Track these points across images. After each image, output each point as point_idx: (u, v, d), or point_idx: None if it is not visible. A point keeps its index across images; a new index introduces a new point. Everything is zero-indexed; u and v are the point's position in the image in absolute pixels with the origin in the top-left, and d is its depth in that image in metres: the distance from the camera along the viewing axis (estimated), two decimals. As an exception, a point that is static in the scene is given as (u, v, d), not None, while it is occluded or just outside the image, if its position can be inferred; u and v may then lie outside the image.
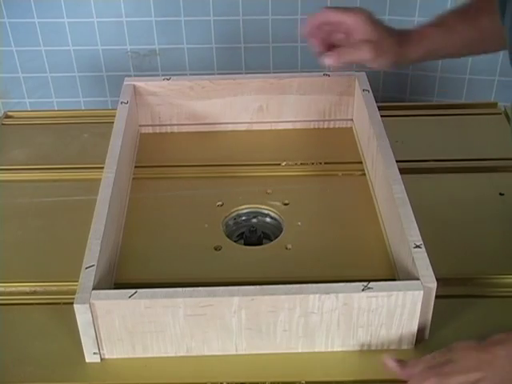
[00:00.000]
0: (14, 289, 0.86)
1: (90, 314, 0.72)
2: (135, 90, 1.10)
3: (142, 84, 1.10)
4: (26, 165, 1.07)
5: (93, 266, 0.76)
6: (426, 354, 0.72)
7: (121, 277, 0.86)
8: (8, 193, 1.02)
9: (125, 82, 1.11)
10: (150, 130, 1.14)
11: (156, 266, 0.88)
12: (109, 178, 0.89)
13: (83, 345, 0.75)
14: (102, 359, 0.76)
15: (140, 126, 1.13)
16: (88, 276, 0.74)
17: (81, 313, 0.72)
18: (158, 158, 1.08)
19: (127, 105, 1.05)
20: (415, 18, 1.47)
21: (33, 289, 0.85)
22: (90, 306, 0.71)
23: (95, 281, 0.74)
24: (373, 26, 0.91)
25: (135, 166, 1.05)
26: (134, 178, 1.03)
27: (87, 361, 0.76)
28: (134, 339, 0.75)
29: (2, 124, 1.19)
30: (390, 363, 0.73)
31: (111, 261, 0.84)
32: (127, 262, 0.88)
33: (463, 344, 0.70)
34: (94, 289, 0.73)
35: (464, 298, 0.83)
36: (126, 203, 0.97)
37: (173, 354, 0.76)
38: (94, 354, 0.76)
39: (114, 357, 0.76)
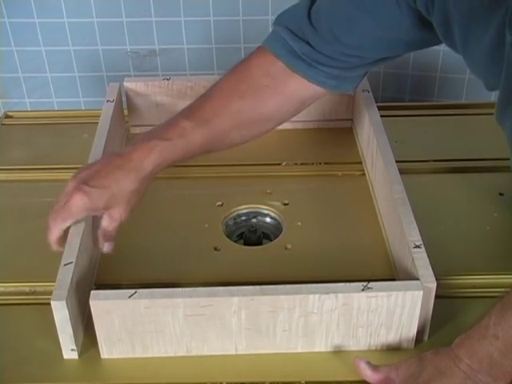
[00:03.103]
0: (13, 289, 0.86)
1: (67, 311, 0.72)
2: (135, 91, 1.10)
3: (142, 84, 1.10)
4: (26, 165, 1.07)
5: (71, 263, 0.76)
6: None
7: (120, 277, 0.86)
8: (8, 193, 1.02)
9: (125, 82, 1.11)
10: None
11: (155, 266, 0.88)
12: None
13: (61, 341, 0.75)
14: (79, 356, 0.76)
15: (140, 126, 1.13)
16: (66, 273, 0.75)
17: (58, 310, 0.72)
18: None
19: (113, 103, 1.06)
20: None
21: (33, 289, 0.85)
22: (67, 303, 0.71)
23: (73, 278, 0.74)
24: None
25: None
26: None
27: (65, 357, 0.76)
28: (133, 339, 0.75)
29: (2, 124, 1.19)
30: (361, 365, 0.73)
31: (92, 259, 0.84)
32: (126, 262, 0.88)
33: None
34: (73, 286, 0.73)
35: (464, 298, 0.83)
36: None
37: (172, 354, 0.76)
38: (72, 350, 0.76)
39: (114, 357, 0.76)
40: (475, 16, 0.73)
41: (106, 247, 0.81)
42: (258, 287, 0.73)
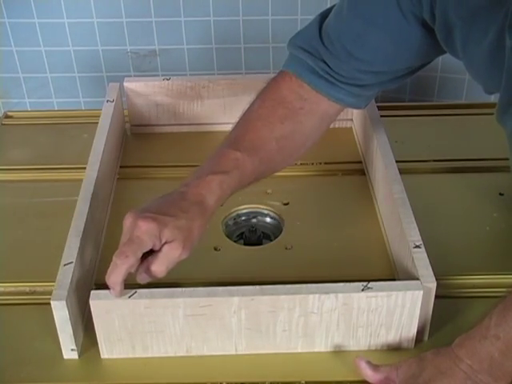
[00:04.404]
0: (13, 289, 0.86)
1: (67, 311, 0.72)
2: (135, 91, 1.10)
3: (142, 84, 1.10)
4: (26, 165, 1.07)
5: (71, 263, 0.76)
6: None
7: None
8: (8, 193, 1.02)
9: (125, 83, 1.11)
10: (149, 130, 1.14)
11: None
12: (91, 175, 0.90)
13: (61, 341, 0.75)
14: (79, 356, 0.76)
15: (140, 126, 1.13)
16: (66, 273, 0.75)
17: (58, 309, 0.72)
18: (159, 158, 1.08)
19: (113, 103, 1.06)
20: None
21: (33, 289, 0.85)
22: (67, 303, 0.71)
23: (73, 278, 0.75)
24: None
25: (142, 166, 1.06)
26: (137, 178, 1.04)
27: (65, 357, 0.76)
28: (133, 339, 0.75)
29: (2, 124, 1.19)
30: (362, 364, 0.73)
31: (92, 259, 0.84)
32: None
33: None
34: (73, 286, 0.73)
35: (464, 298, 0.83)
36: (110, 202, 0.98)
37: (172, 354, 0.76)
38: (72, 350, 0.76)
39: (114, 357, 0.76)
40: (475, 20, 0.73)
41: (144, 278, 0.73)
42: (257, 287, 0.73)
